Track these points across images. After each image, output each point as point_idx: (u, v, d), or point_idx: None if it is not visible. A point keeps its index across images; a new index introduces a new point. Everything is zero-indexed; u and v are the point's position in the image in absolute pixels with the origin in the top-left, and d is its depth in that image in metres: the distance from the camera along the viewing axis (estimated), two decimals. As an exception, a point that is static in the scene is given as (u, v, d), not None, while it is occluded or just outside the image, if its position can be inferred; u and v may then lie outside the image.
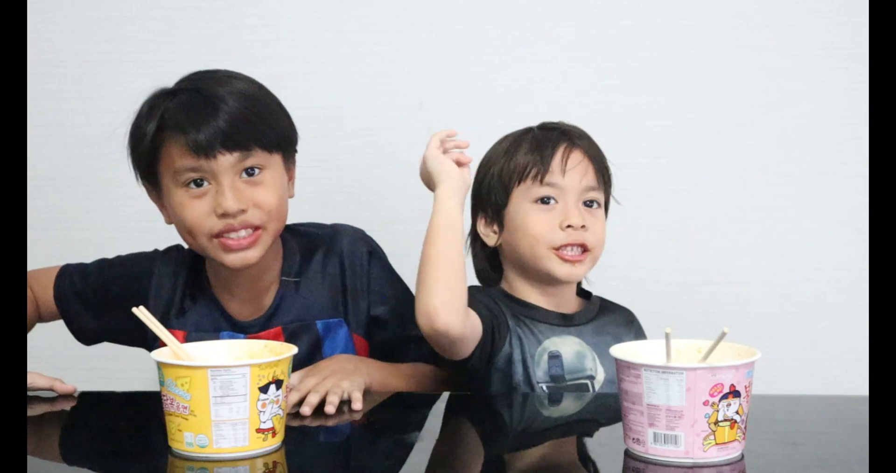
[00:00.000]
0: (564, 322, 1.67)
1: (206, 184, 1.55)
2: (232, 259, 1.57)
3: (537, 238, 1.63)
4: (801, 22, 2.31)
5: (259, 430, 1.28)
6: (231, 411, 1.26)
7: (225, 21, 2.33)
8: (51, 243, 2.38)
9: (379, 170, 2.32)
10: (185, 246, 1.69)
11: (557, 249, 1.62)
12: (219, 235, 1.56)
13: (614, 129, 2.32)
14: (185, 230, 1.58)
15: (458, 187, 1.55)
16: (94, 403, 1.54)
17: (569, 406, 1.55)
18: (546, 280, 1.66)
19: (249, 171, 1.56)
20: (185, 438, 1.27)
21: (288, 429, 1.35)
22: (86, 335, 1.77)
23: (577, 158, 1.65)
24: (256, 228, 1.57)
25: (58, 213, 2.39)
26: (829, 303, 2.35)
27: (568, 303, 1.70)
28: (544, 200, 1.64)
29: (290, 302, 1.67)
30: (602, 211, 1.69)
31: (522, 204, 1.65)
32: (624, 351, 1.30)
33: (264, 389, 1.27)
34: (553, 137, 1.67)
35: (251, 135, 1.54)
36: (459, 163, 1.57)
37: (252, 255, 1.57)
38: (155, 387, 1.32)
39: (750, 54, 2.32)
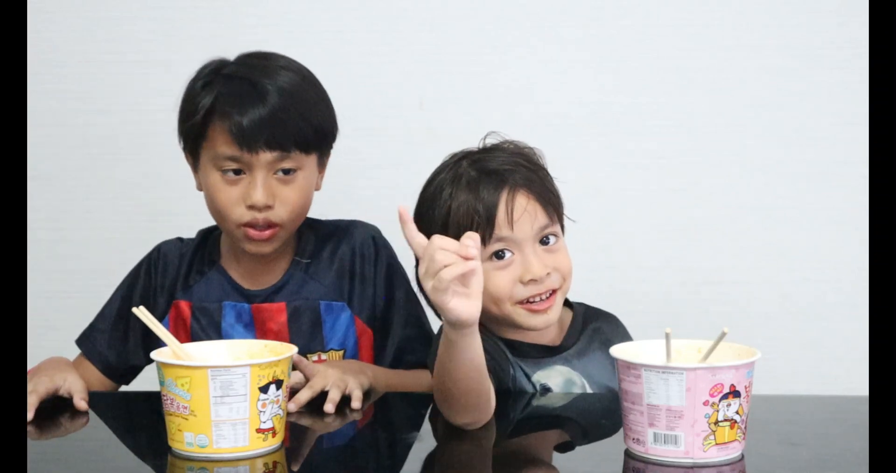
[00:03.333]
0: (549, 353, 1.59)
1: (242, 173, 1.62)
2: (250, 247, 1.66)
3: (500, 296, 1.51)
4: (801, 22, 2.31)
5: (259, 430, 1.28)
6: (231, 411, 1.26)
7: (225, 21, 2.33)
8: (51, 243, 2.38)
9: (379, 170, 2.32)
10: (184, 237, 1.78)
11: (523, 302, 1.52)
12: (244, 225, 1.64)
13: (614, 129, 2.32)
14: (214, 210, 1.66)
15: (476, 320, 1.32)
16: (94, 403, 1.54)
17: (568, 406, 1.55)
18: (520, 327, 1.56)
19: (285, 171, 1.63)
20: (185, 438, 1.27)
21: (288, 429, 1.35)
22: (120, 368, 1.75)
23: (521, 205, 1.51)
24: (276, 226, 1.64)
25: (58, 213, 2.39)
26: (829, 303, 2.35)
27: (550, 329, 1.60)
28: (498, 255, 1.52)
29: (298, 280, 1.71)
30: (561, 239, 1.57)
31: None
32: (624, 351, 1.30)
33: (264, 389, 1.27)
34: (490, 184, 1.52)
35: (292, 137, 1.61)
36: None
37: (267, 248, 1.66)
38: (155, 387, 1.32)
39: (750, 54, 2.32)
